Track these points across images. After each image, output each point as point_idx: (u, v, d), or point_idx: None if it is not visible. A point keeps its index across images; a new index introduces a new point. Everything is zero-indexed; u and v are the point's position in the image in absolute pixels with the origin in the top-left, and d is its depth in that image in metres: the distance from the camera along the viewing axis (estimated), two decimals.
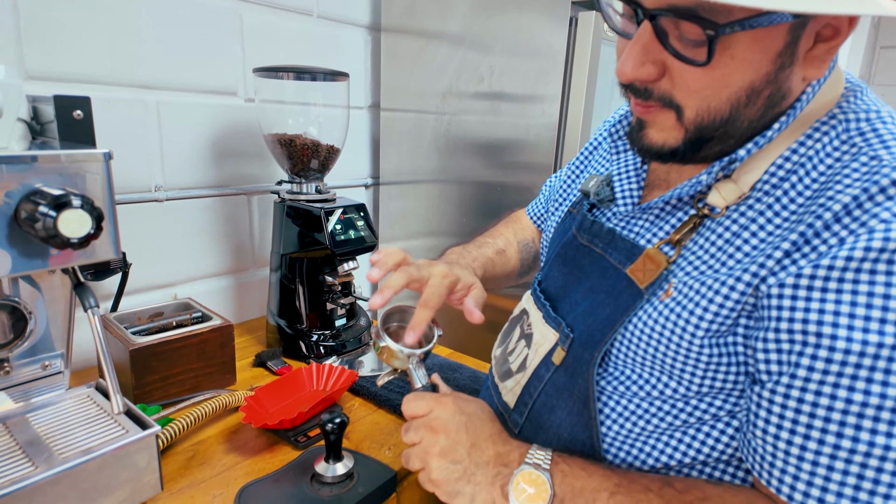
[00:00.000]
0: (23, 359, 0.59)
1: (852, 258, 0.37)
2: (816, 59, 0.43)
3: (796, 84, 0.44)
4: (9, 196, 0.43)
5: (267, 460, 0.79)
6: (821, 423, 0.39)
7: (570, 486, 0.46)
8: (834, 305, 0.38)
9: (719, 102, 0.43)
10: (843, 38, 0.42)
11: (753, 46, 0.40)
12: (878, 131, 0.42)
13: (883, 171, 0.39)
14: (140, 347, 0.85)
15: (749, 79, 0.42)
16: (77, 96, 0.55)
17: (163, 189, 1.11)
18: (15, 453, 0.51)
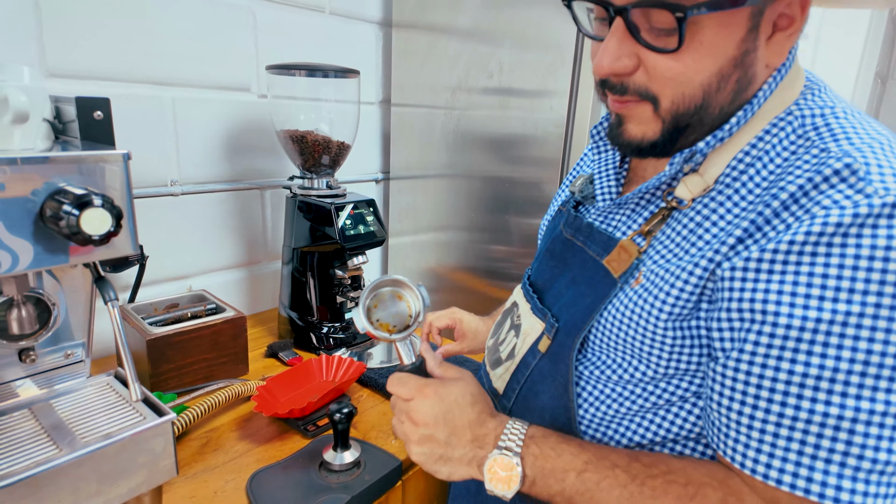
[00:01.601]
0: (46, 347, 0.62)
1: (795, 241, 0.40)
2: (776, 47, 0.45)
3: (760, 70, 0.46)
4: (34, 194, 0.46)
5: (277, 448, 0.82)
6: (766, 393, 0.41)
7: (540, 468, 0.49)
8: (778, 285, 0.40)
9: (693, 89, 0.45)
10: (798, 26, 0.45)
11: (720, 32, 0.43)
12: (831, 126, 0.44)
13: (829, 161, 0.41)
14: (157, 337, 0.88)
15: (718, 63, 0.44)
16: (97, 98, 0.57)
17: (178, 184, 1.13)
18: (41, 437, 0.54)
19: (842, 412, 0.38)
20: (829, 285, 0.38)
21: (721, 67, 0.44)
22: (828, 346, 0.38)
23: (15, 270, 0.45)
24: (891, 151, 0.42)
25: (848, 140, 0.43)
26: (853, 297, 0.38)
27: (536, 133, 1.19)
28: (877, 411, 0.38)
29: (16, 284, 0.52)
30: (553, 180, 1.17)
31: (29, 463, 0.50)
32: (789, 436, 0.40)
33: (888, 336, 0.37)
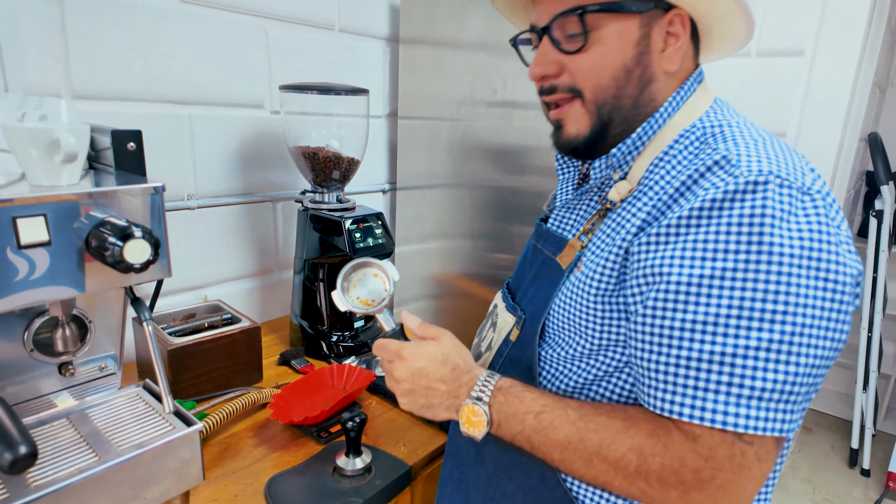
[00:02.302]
0: (82, 359, 0.67)
1: (682, 216, 0.49)
2: (669, 57, 0.56)
3: (658, 73, 0.57)
4: (80, 226, 0.50)
5: (292, 453, 0.86)
6: (666, 340, 0.49)
7: (504, 412, 0.57)
8: (671, 251, 0.49)
9: (606, 80, 0.56)
10: (683, 41, 0.56)
11: (617, 34, 0.54)
12: (723, 133, 0.54)
13: (713, 156, 0.50)
14: (177, 347, 0.93)
15: (621, 59, 0.55)
16: (131, 130, 0.62)
17: (195, 197, 1.18)
18: (81, 445, 0.59)
19: (723, 349, 0.46)
20: (708, 248, 0.47)
21: (625, 63, 0.55)
22: (710, 297, 0.46)
23: (60, 296, 0.50)
24: (763, 147, 0.51)
25: (734, 142, 0.52)
26: (727, 255, 0.46)
27: (539, 144, 1.23)
28: (751, 346, 0.45)
29: (61, 306, 0.56)
30: (554, 190, 1.21)
31: (73, 469, 0.54)
32: (686, 374, 0.48)
33: (755, 285, 0.45)
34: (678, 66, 0.57)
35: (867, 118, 2.00)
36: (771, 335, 0.45)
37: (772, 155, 0.49)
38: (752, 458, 0.46)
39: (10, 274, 0.48)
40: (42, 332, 0.60)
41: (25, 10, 0.91)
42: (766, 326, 0.45)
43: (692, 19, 0.57)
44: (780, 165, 0.48)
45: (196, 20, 1.11)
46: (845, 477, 2.16)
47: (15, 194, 0.47)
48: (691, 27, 0.57)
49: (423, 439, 0.92)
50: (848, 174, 1.81)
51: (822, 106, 1.45)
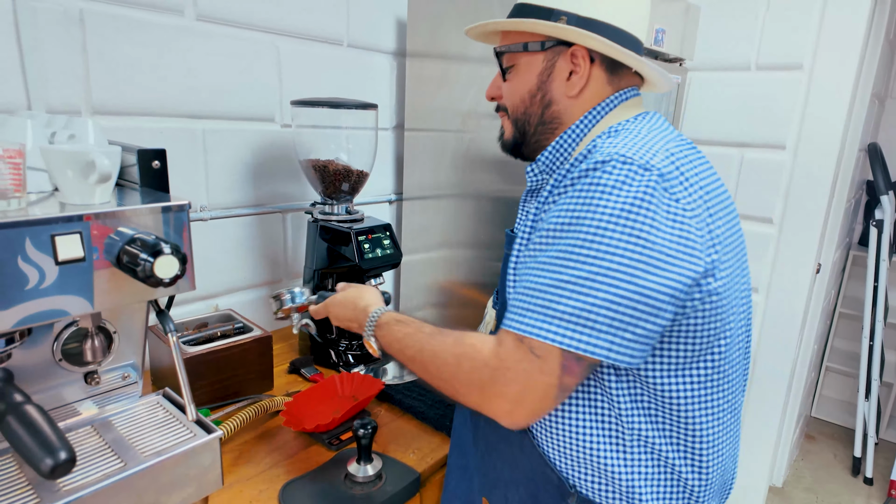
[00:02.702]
0: (106, 368, 0.69)
1: (554, 195, 0.62)
2: (572, 84, 0.69)
3: (559, 96, 0.70)
4: (111, 243, 0.53)
5: (304, 460, 0.89)
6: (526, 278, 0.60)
7: (385, 340, 0.73)
8: (547, 215, 0.61)
9: (518, 100, 0.73)
10: (583, 70, 0.68)
11: (526, 68, 0.71)
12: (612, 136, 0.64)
13: (588, 147, 0.62)
14: (191, 356, 0.95)
15: (527, 86, 0.71)
16: (155, 149, 0.65)
17: (207, 209, 1.21)
18: (106, 451, 0.61)
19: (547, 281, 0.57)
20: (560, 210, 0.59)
21: (529, 89, 0.71)
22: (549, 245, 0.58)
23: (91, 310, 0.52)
24: (631, 139, 0.61)
25: (611, 138, 0.62)
26: (567, 213, 0.58)
27: None
28: (562, 279, 0.56)
29: (91, 318, 0.59)
30: None
31: (101, 475, 0.57)
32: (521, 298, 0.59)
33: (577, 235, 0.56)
34: (579, 91, 0.69)
35: (866, 129, 2.03)
36: (579, 272, 0.55)
37: (632, 143, 0.60)
38: (536, 369, 0.56)
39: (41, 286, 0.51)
40: (70, 342, 0.62)
41: (48, 30, 0.94)
42: (578, 266, 0.56)
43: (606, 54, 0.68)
44: (633, 150, 0.58)
45: (210, 37, 1.15)
46: (848, 486, 2.17)
47: (54, 213, 0.50)
48: (609, 59, 0.68)
49: (431, 447, 0.94)
50: (848, 184, 1.84)
51: (821, 118, 1.47)
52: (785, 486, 2.15)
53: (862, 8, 1.38)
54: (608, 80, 0.69)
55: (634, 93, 0.72)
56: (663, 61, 1.35)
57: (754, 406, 1.84)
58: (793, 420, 2.05)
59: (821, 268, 1.86)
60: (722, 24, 1.57)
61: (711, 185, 0.64)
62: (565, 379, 0.57)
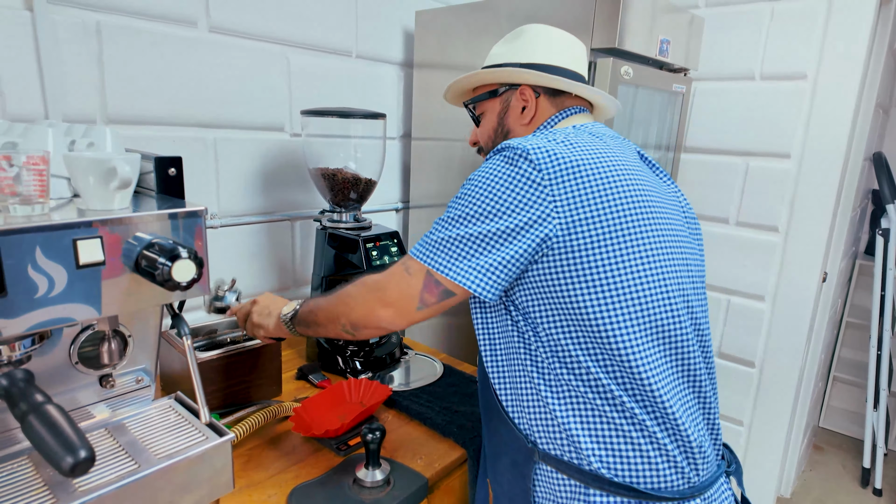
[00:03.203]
0: (119, 372, 0.70)
1: None
2: (525, 114, 0.85)
3: (515, 126, 0.86)
4: (129, 247, 0.54)
5: (312, 465, 0.89)
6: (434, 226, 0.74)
7: (306, 307, 0.88)
8: None
9: (486, 138, 0.91)
10: (531, 104, 0.84)
11: (489, 113, 0.90)
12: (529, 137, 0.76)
13: None
14: (203, 362, 0.96)
15: (492, 125, 0.89)
16: (172, 157, 0.66)
17: (217, 217, 1.23)
18: (121, 453, 0.62)
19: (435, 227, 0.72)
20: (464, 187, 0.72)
21: (493, 126, 0.89)
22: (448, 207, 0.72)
23: (111, 312, 0.54)
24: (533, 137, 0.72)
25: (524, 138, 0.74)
26: (462, 191, 0.71)
27: None
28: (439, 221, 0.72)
29: (108, 321, 0.60)
30: None
31: (115, 476, 0.58)
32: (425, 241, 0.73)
33: (458, 198, 0.71)
34: (530, 119, 0.85)
35: (871, 138, 2.03)
36: (448, 214, 0.71)
37: (531, 140, 0.71)
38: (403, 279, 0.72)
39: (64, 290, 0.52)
40: (86, 345, 0.63)
41: (67, 43, 0.97)
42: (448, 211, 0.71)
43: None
44: (524, 143, 0.69)
45: (222, 48, 1.17)
46: (857, 497, 2.15)
47: (75, 218, 0.51)
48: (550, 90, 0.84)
49: (439, 453, 0.94)
50: (853, 193, 1.84)
51: (826, 127, 1.48)
52: (793, 497, 2.13)
53: (865, 18, 1.39)
54: (551, 105, 0.84)
55: (576, 110, 0.84)
56: (668, 71, 1.36)
57: (761, 416, 1.83)
58: (800, 430, 2.03)
59: (827, 276, 1.85)
60: (726, 35, 1.59)
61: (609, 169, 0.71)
62: (426, 296, 0.71)
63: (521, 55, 0.85)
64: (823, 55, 1.48)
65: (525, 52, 0.85)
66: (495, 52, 0.89)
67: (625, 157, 0.74)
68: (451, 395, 1.11)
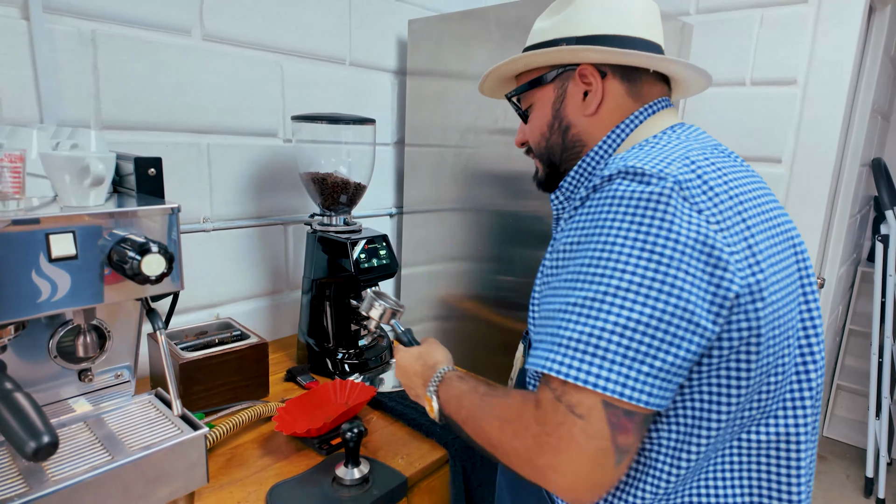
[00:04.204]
0: (99, 368, 0.72)
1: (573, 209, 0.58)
2: (588, 103, 0.68)
3: (576, 119, 0.69)
4: (103, 242, 0.56)
5: (295, 463, 0.90)
6: (546, 299, 0.56)
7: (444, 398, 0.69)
8: (562, 233, 0.58)
9: (537, 136, 0.73)
10: (597, 87, 0.66)
11: (539, 104, 0.72)
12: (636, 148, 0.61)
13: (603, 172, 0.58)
14: (188, 362, 0.98)
15: (544, 120, 0.72)
16: (151, 157, 0.68)
17: (210, 220, 1.25)
18: (96, 446, 0.63)
19: (555, 306, 0.53)
20: (570, 229, 0.56)
21: (547, 121, 0.71)
22: (559, 268, 0.56)
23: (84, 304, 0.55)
24: (647, 150, 0.57)
25: (630, 151, 0.59)
26: (578, 231, 0.54)
27: None
28: (569, 302, 0.51)
29: (83, 315, 0.62)
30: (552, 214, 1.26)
31: (88, 467, 0.59)
32: (536, 332, 0.55)
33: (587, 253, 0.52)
34: (597, 108, 0.67)
35: (868, 144, 2.03)
36: (586, 293, 0.50)
37: (646, 155, 0.55)
38: (580, 430, 0.48)
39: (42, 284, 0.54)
40: (65, 340, 0.65)
41: (62, 51, 1.00)
42: (585, 286, 0.51)
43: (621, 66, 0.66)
44: (645, 160, 0.54)
45: (216, 56, 1.20)
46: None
47: (48, 213, 0.53)
48: (620, 68, 0.66)
49: (420, 452, 0.95)
50: (850, 199, 1.83)
51: (816, 132, 1.48)
52: None
53: (853, 24, 1.39)
54: (627, 90, 0.66)
55: (663, 104, 0.67)
56: None
57: None
58: None
59: (824, 283, 1.84)
60: (716, 41, 1.60)
61: (751, 198, 0.56)
62: (620, 438, 0.48)
63: (574, 26, 0.66)
64: (813, 60, 1.48)
65: (580, 22, 0.66)
66: (539, 27, 0.71)
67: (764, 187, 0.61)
68: None
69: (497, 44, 1.31)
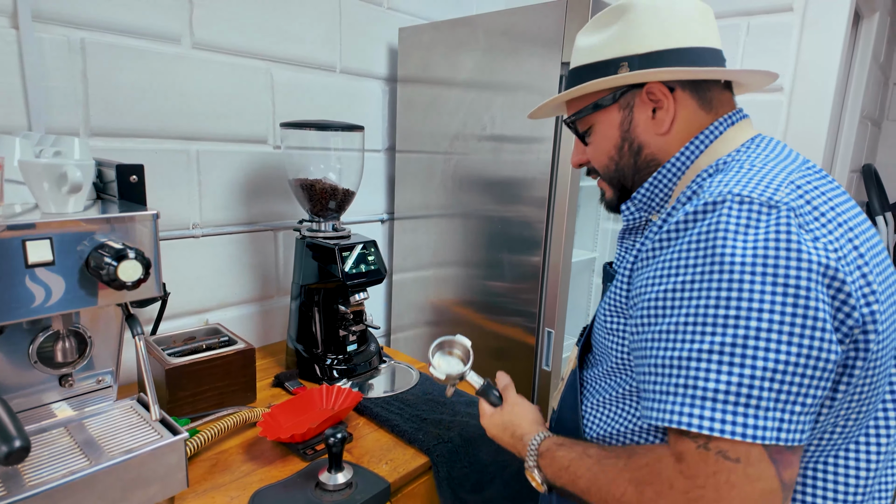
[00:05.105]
0: (81, 374, 0.72)
1: (655, 241, 0.56)
2: (659, 121, 0.65)
3: (650, 137, 0.66)
4: (82, 248, 0.57)
5: (279, 469, 0.90)
6: (643, 352, 0.54)
7: (549, 473, 0.66)
8: (647, 272, 0.56)
9: (604, 159, 0.70)
10: (668, 104, 0.64)
11: (603, 127, 0.69)
12: (726, 167, 0.58)
13: (692, 188, 0.57)
14: (174, 367, 0.98)
15: (612, 142, 0.68)
16: (134, 164, 0.69)
17: (199, 226, 1.26)
18: (75, 451, 0.64)
19: (680, 353, 0.49)
20: (671, 265, 0.52)
21: (615, 143, 0.68)
22: (673, 308, 0.51)
23: (63, 310, 0.56)
24: (746, 172, 0.54)
25: (726, 172, 0.56)
26: (686, 270, 0.51)
27: (525, 176, 1.29)
28: (703, 349, 0.48)
29: (62, 320, 0.62)
30: (540, 219, 1.27)
31: (66, 472, 0.59)
32: (654, 380, 0.52)
33: (709, 293, 0.49)
34: (670, 125, 0.64)
35: (859, 150, 2.04)
36: (723, 338, 0.47)
37: (747, 178, 0.52)
38: (740, 475, 0.45)
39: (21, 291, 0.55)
40: (46, 346, 0.66)
41: (52, 59, 1.01)
42: (719, 331, 0.47)
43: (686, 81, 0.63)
44: (749, 185, 0.51)
45: (205, 64, 1.21)
46: None
47: (25, 220, 0.54)
48: (688, 81, 0.63)
49: (404, 458, 0.95)
50: None
51: (803, 139, 1.49)
52: None
53: (838, 31, 1.41)
54: (698, 103, 0.64)
55: (740, 116, 0.65)
56: None
57: None
58: None
59: None
60: None
61: (854, 220, 0.54)
62: (785, 474, 0.46)
63: (634, 44, 0.63)
64: (798, 68, 1.50)
65: (639, 40, 0.62)
66: (587, 44, 0.67)
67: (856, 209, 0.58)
68: (422, 402, 1.12)
69: (485, 51, 1.32)
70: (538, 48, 1.21)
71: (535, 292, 1.30)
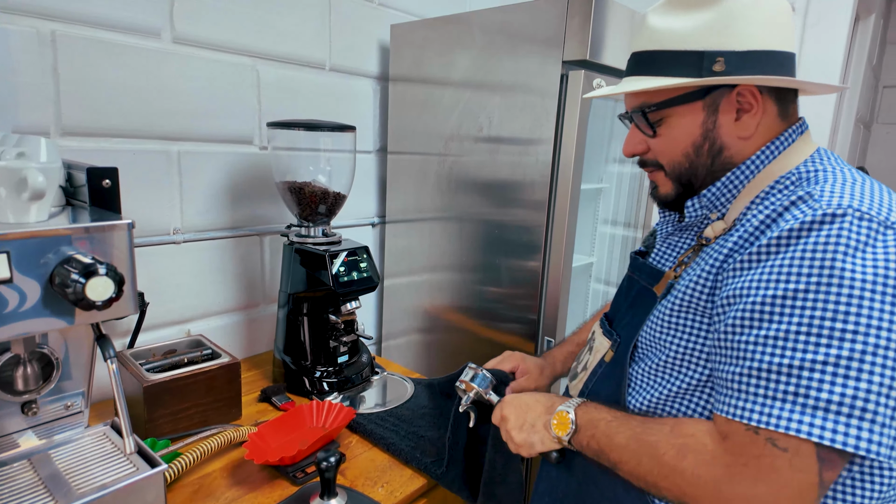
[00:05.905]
0: (48, 398, 0.65)
1: (762, 244, 0.55)
2: (743, 124, 0.63)
3: (730, 141, 0.64)
4: (45, 262, 0.50)
5: (266, 494, 0.84)
6: (742, 353, 0.54)
7: (584, 418, 0.67)
8: (751, 275, 0.55)
9: (678, 157, 0.66)
10: (758, 108, 0.62)
11: (682, 121, 0.65)
12: (817, 177, 0.58)
13: (797, 192, 0.56)
14: (153, 384, 0.91)
15: (689, 139, 0.65)
16: (106, 168, 0.62)
17: (181, 232, 1.19)
18: (38, 489, 0.57)
19: (791, 362, 0.50)
20: (783, 272, 0.52)
21: (693, 141, 0.65)
22: (782, 315, 0.51)
23: (23, 333, 0.49)
24: (850, 186, 0.55)
25: (823, 182, 0.56)
26: (800, 278, 0.51)
27: (523, 179, 1.25)
28: (818, 360, 0.49)
29: (23, 343, 0.56)
30: (540, 223, 1.22)
31: None
32: (756, 383, 0.52)
33: (826, 305, 0.49)
34: (753, 130, 0.63)
35: (851, 153, 2.03)
36: (839, 351, 0.48)
37: (857, 193, 0.53)
38: (787, 464, 0.49)
39: None
40: (4, 371, 0.59)
41: (19, 52, 0.94)
42: (835, 343, 0.49)
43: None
44: (864, 201, 0.52)
45: (188, 60, 1.14)
46: None
47: None
48: (776, 89, 0.62)
49: (402, 480, 0.89)
50: None
51: None
52: None
53: (840, 32, 1.39)
54: (778, 111, 0.63)
55: (806, 126, 0.67)
56: None
57: None
58: None
59: None
60: None
61: None
62: (827, 475, 0.49)
63: (735, 39, 0.59)
64: (799, 68, 1.47)
65: (740, 34, 0.58)
66: (671, 28, 0.62)
67: None
68: (419, 418, 1.06)
69: (481, 49, 1.27)
70: (537, 46, 1.17)
71: (533, 298, 1.26)
